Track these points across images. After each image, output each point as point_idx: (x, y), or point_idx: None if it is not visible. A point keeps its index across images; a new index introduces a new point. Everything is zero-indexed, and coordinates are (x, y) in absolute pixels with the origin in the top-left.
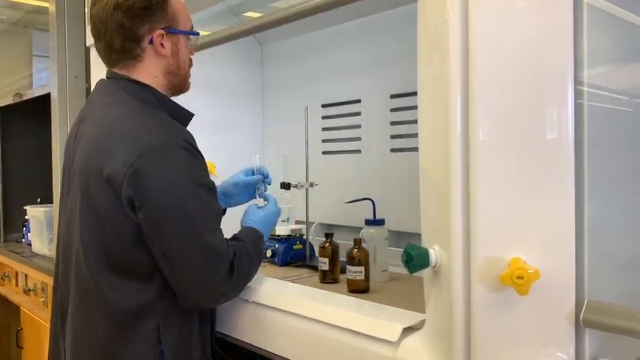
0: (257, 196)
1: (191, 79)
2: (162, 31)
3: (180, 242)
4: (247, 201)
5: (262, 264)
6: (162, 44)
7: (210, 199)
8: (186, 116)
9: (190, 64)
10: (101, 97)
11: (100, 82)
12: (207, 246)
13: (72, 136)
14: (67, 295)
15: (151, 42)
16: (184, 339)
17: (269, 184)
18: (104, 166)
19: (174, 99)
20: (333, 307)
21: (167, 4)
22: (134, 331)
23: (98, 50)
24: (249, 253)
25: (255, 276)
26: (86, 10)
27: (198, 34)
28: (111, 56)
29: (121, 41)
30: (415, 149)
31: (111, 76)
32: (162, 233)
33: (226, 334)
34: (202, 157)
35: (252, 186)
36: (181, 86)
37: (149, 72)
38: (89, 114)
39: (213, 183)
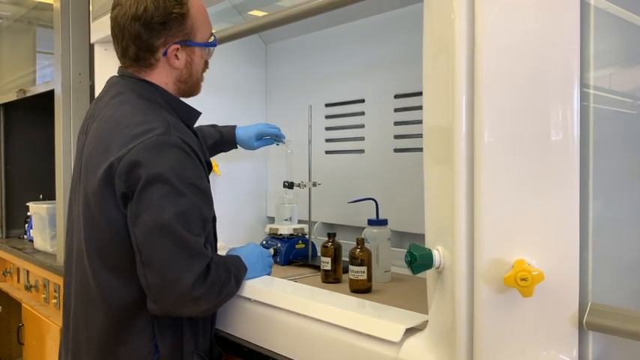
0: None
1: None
2: (178, 45)
3: (152, 233)
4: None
5: None
6: (176, 56)
7: (198, 200)
8: (193, 115)
9: (205, 69)
10: (110, 95)
11: (111, 80)
12: (181, 240)
13: (83, 132)
14: (71, 289)
15: (165, 54)
16: (179, 334)
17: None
18: (101, 163)
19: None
20: (335, 306)
21: (185, 18)
22: (130, 326)
23: (115, 50)
24: (227, 268)
25: None
26: (91, 8)
27: (215, 44)
28: (125, 60)
29: (135, 50)
30: (419, 149)
31: (122, 74)
32: (137, 224)
33: (228, 332)
34: (200, 160)
35: (268, 139)
36: (191, 92)
37: (160, 80)
38: (99, 112)
39: (206, 187)
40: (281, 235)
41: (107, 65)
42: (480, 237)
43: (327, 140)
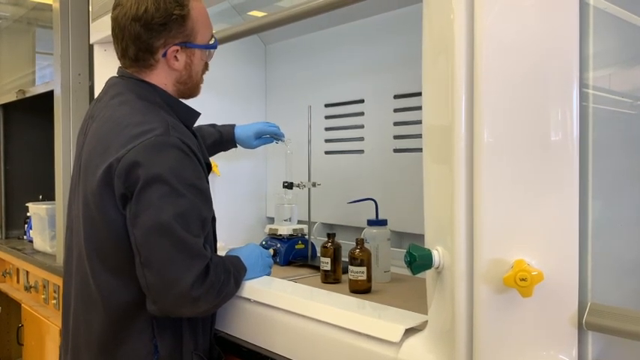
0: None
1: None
2: (177, 47)
3: (151, 234)
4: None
5: None
6: (176, 57)
7: (197, 200)
8: (192, 116)
9: (205, 71)
10: (110, 95)
11: (110, 81)
12: (180, 241)
13: (82, 133)
14: (70, 289)
15: (164, 55)
16: (179, 334)
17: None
18: (100, 164)
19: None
20: (335, 307)
21: (186, 20)
22: (129, 326)
23: (115, 50)
24: (227, 269)
25: None
26: (90, 9)
27: (215, 46)
28: (124, 61)
29: (135, 51)
30: (418, 150)
31: (122, 74)
32: (136, 225)
33: (227, 332)
34: (199, 161)
35: (268, 138)
36: (191, 93)
37: (160, 80)
38: (98, 112)
39: (206, 188)
40: (280, 235)
41: (106, 66)
42: (479, 237)
43: (327, 140)
